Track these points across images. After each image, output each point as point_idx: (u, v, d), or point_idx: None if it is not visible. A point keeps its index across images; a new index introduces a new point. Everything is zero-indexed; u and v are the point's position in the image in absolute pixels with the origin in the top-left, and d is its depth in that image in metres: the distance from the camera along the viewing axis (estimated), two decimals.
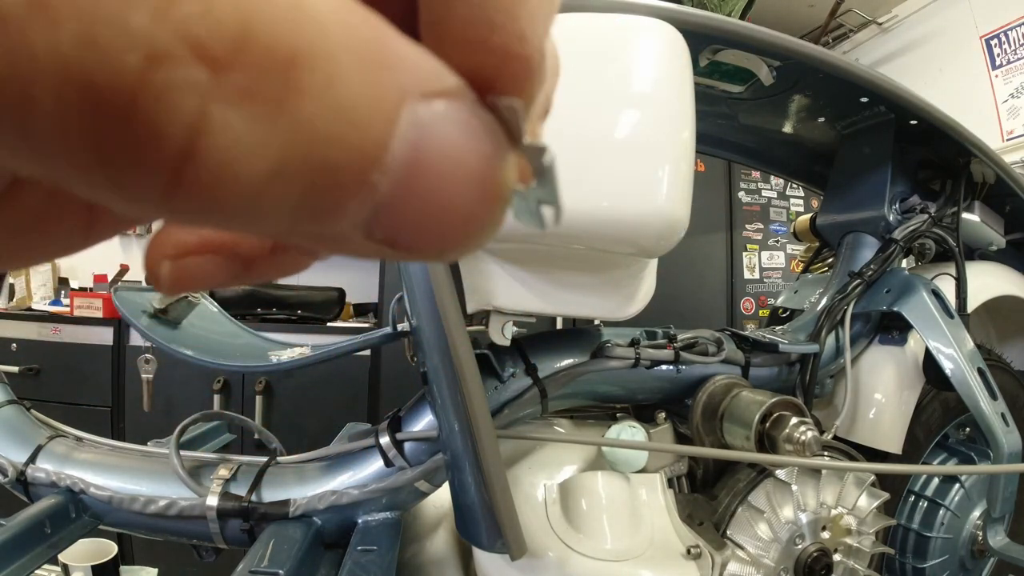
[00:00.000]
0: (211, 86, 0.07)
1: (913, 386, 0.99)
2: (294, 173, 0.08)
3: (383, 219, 0.09)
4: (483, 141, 0.10)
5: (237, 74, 0.07)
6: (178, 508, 0.73)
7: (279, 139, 0.08)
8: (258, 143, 0.08)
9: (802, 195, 2.88)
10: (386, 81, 0.09)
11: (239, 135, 0.08)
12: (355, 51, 0.09)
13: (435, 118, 0.09)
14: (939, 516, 1.03)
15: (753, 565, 0.76)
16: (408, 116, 0.09)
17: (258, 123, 0.08)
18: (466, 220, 0.10)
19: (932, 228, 1.02)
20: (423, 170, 0.09)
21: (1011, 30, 2.66)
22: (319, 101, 0.08)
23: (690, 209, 0.56)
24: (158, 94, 0.07)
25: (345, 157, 0.09)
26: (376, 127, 0.09)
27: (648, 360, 0.82)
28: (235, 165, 0.08)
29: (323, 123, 0.08)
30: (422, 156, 0.09)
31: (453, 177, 0.09)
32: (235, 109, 0.08)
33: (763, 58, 0.87)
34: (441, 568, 0.83)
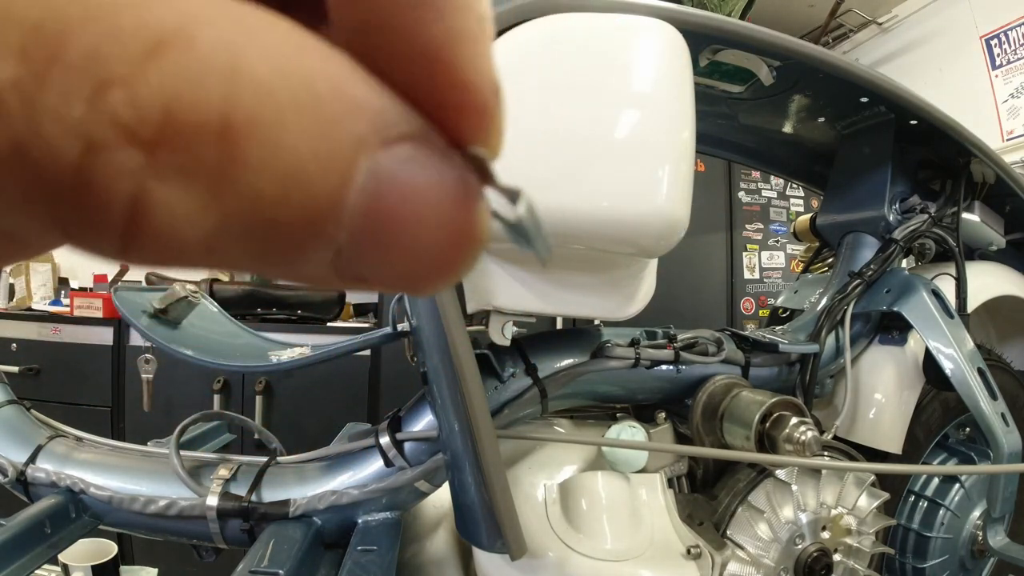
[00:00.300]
0: (145, 165, 0.08)
1: (913, 386, 0.99)
2: (241, 234, 0.08)
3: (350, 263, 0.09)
4: (451, 184, 0.10)
5: (167, 152, 0.08)
6: (178, 508, 0.73)
7: (221, 207, 0.08)
8: (198, 211, 0.08)
9: (802, 195, 2.88)
10: (339, 135, 0.09)
11: (177, 207, 0.08)
12: (302, 109, 0.08)
13: (397, 164, 0.09)
14: (939, 516, 1.03)
15: (753, 565, 0.76)
16: (366, 166, 0.09)
17: (196, 195, 0.08)
18: (436, 262, 0.10)
19: (932, 228, 1.02)
20: (385, 218, 0.09)
21: (1011, 30, 2.66)
22: (262, 167, 0.08)
23: (690, 209, 0.56)
24: (98, 175, 0.07)
25: (296, 216, 0.08)
26: (327, 184, 0.09)
27: (648, 360, 0.82)
28: (178, 232, 0.08)
29: (269, 186, 0.08)
30: (383, 205, 0.09)
31: (418, 222, 0.09)
32: (170, 185, 0.08)
33: (763, 58, 0.87)
34: (441, 568, 0.83)
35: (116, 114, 0.07)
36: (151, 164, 0.08)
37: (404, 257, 0.09)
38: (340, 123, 0.09)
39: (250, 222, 0.08)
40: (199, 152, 0.08)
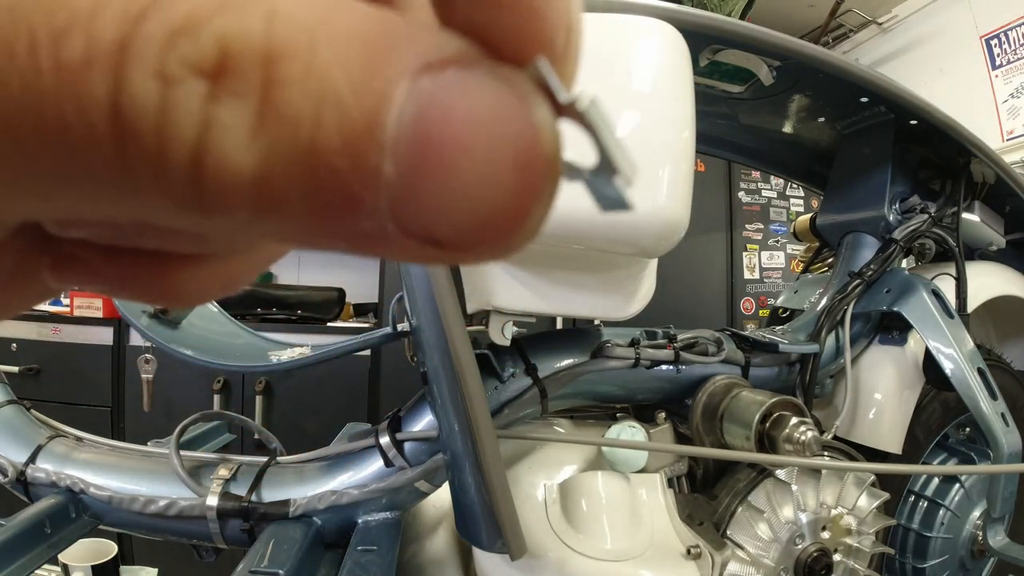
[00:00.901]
0: (209, 91, 0.09)
1: (913, 386, 0.99)
2: (290, 159, 0.09)
3: (408, 209, 0.09)
4: (508, 102, 0.09)
5: (226, 80, 0.09)
6: (178, 508, 0.73)
7: (268, 130, 0.09)
8: (249, 135, 0.09)
9: (802, 195, 2.88)
10: (374, 59, 0.09)
11: (235, 125, 0.09)
12: (336, 38, 0.09)
13: (442, 86, 0.09)
14: (939, 516, 1.03)
15: (753, 565, 0.77)
16: (407, 90, 0.09)
17: (246, 118, 0.09)
18: (507, 198, 0.09)
19: (932, 228, 1.03)
20: (432, 142, 0.09)
21: (1011, 30, 2.66)
22: (300, 88, 0.09)
23: (690, 209, 0.56)
24: (175, 105, 0.09)
25: (334, 141, 0.09)
26: (363, 107, 0.09)
27: (648, 360, 0.82)
28: (235, 154, 0.09)
29: (307, 108, 0.09)
30: (428, 128, 0.09)
31: (476, 147, 0.09)
32: (228, 106, 0.09)
33: (763, 58, 0.87)
34: (441, 568, 0.83)
35: (185, 55, 0.09)
36: (212, 90, 0.09)
37: (466, 190, 0.09)
38: (375, 51, 0.09)
39: (294, 147, 0.09)
40: (247, 77, 0.09)
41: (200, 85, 0.09)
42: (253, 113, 0.09)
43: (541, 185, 0.09)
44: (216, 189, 0.09)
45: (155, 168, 0.09)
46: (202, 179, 0.09)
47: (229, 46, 0.09)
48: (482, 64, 0.09)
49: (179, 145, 0.09)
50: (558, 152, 0.09)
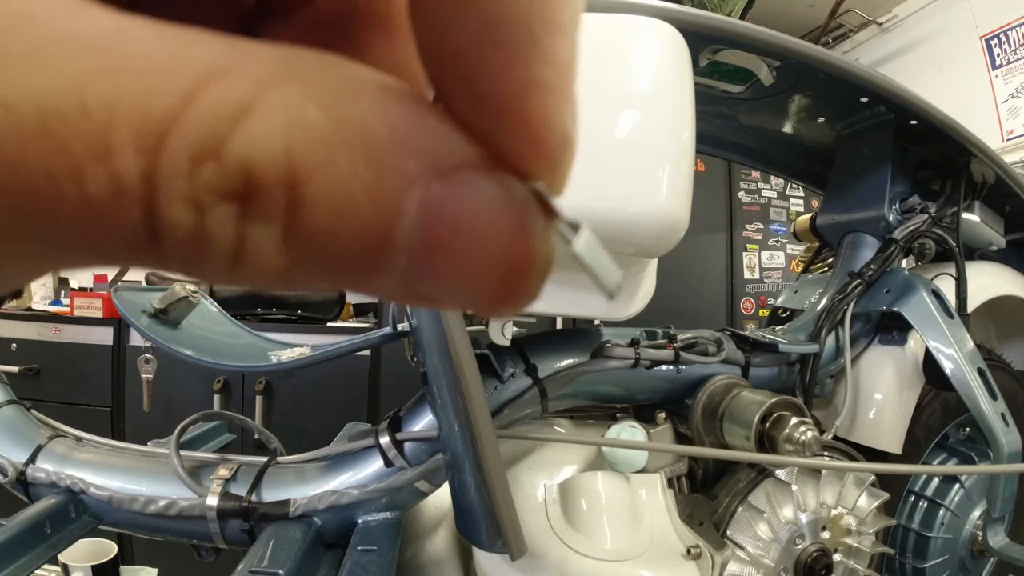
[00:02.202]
0: (240, 213, 0.09)
1: (913, 386, 0.99)
2: (314, 262, 0.10)
3: (416, 285, 0.10)
4: (505, 211, 0.10)
5: (253, 202, 0.09)
6: (178, 508, 0.73)
7: (295, 241, 0.10)
8: (279, 245, 0.10)
9: (802, 195, 2.88)
10: (388, 171, 0.10)
11: (265, 241, 0.10)
12: (353, 149, 0.09)
13: (449, 194, 0.10)
14: (939, 516, 1.03)
15: (753, 565, 0.76)
16: (418, 197, 0.10)
17: (276, 232, 0.10)
18: (497, 289, 0.10)
19: (932, 228, 1.02)
20: (438, 246, 0.10)
21: (1011, 30, 2.66)
22: (323, 206, 0.09)
23: (690, 209, 0.56)
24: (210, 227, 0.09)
25: (354, 247, 0.10)
26: (379, 217, 0.10)
27: (648, 360, 0.82)
28: (267, 262, 0.10)
29: (328, 222, 0.09)
30: (435, 234, 0.10)
31: (470, 249, 0.10)
32: (258, 225, 0.09)
33: (763, 58, 0.87)
34: (441, 568, 0.83)
35: (211, 183, 0.09)
36: (243, 213, 0.09)
37: (464, 283, 0.10)
38: (390, 159, 0.10)
39: (318, 253, 0.10)
40: (274, 198, 0.09)
41: (231, 208, 0.09)
42: (282, 228, 0.09)
43: (531, 281, 0.10)
44: (250, 278, 0.10)
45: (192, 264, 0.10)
46: (238, 273, 0.10)
47: (253, 171, 0.09)
48: (486, 171, 0.10)
49: (217, 256, 0.10)
50: (550, 259, 0.10)
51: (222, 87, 0.09)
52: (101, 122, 0.09)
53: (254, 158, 0.09)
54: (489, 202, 0.10)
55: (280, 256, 0.10)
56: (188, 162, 0.09)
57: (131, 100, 0.09)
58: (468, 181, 0.10)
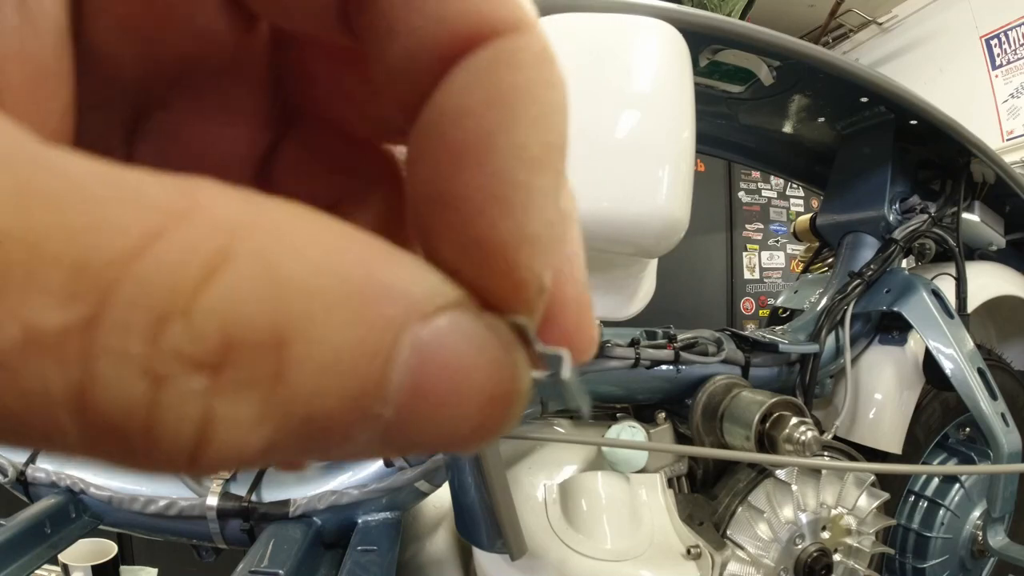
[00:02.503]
0: (210, 387, 0.08)
1: (913, 386, 0.99)
2: (296, 429, 0.09)
3: (394, 436, 0.09)
4: (490, 348, 0.10)
5: (230, 371, 0.08)
6: (178, 508, 0.73)
7: (278, 409, 0.08)
8: (257, 419, 0.08)
9: (802, 195, 2.88)
10: (375, 320, 0.09)
11: (241, 418, 0.08)
12: (337, 303, 0.09)
13: (436, 335, 0.09)
14: (939, 516, 1.03)
15: (753, 565, 0.77)
16: (406, 343, 0.09)
17: (255, 404, 0.08)
18: (481, 425, 0.10)
19: (932, 228, 1.03)
20: (427, 389, 0.09)
21: (1011, 30, 2.66)
22: (307, 365, 0.08)
23: (690, 209, 0.56)
24: (168, 407, 0.08)
25: (341, 404, 0.09)
26: (367, 369, 0.09)
27: (648, 360, 0.82)
28: (241, 442, 0.08)
29: (315, 381, 0.09)
30: (424, 378, 0.09)
31: (460, 390, 0.10)
32: (233, 399, 0.08)
33: (763, 58, 0.87)
34: (441, 568, 0.83)
35: (179, 347, 0.08)
36: (214, 385, 0.08)
37: (449, 424, 0.10)
38: (376, 308, 0.09)
39: (304, 418, 0.09)
40: (257, 365, 0.08)
41: (198, 380, 0.08)
42: (262, 401, 0.08)
43: (510, 412, 0.10)
44: (209, 467, 0.09)
45: (141, 457, 0.08)
46: (200, 461, 0.08)
47: (233, 335, 0.08)
48: (469, 311, 0.10)
49: (171, 444, 0.08)
50: (529, 386, 0.10)
51: (191, 230, 0.08)
52: (16, 256, 0.07)
53: (236, 320, 0.08)
54: (475, 340, 0.10)
55: (256, 433, 0.08)
56: (147, 320, 0.08)
57: (66, 235, 0.07)
58: (454, 322, 0.10)
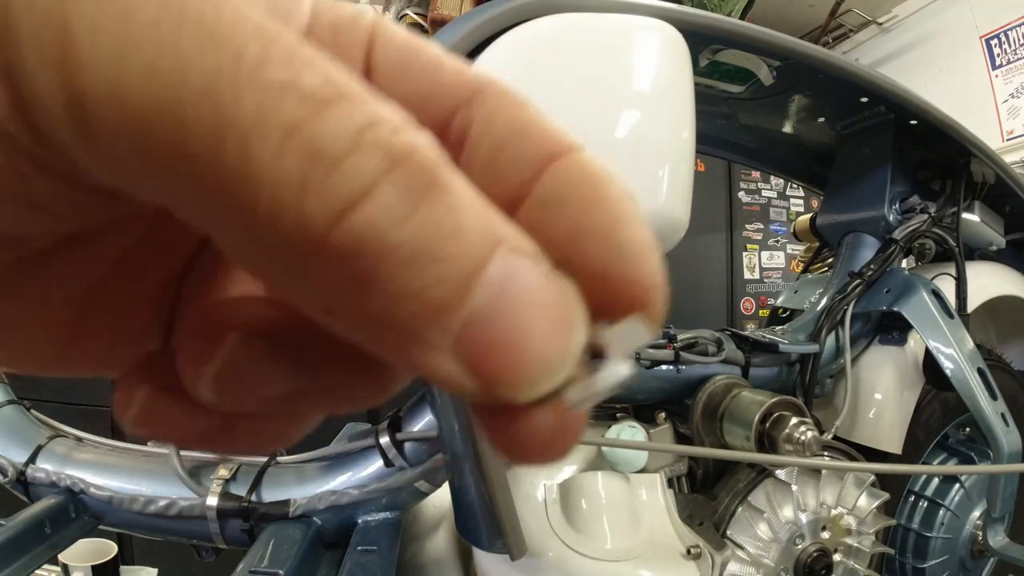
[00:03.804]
0: (386, 169, 0.10)
1: (913, 386, 0.99)
2: (422, 251, 0.10)
3: (471, 332, 0.10)
4: (561, 295, 0.11)
5: (401, 170, 0.10)
6: (178, 508, 0.73)
7: (415, 222, 0.10)
8: (401, 215, 0.10)
9: (802, 195, 2.88)
10: (489, 222, 0.11)
11: (391, 202, 0.10)
12: (472, 199, 0.11)
13: (522, 267, 0.11)
14: (939, 516, 1.03)
15: (753, 565, 0.77)
16: (502, 254, 0.11)
17: (405, 203, 0.10)
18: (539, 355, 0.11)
19: (932, 228, 1.02)
20: (510, 298, 0.11)
21: (1011, 30, 2.66)
22: (445, 212, 0.10)
23: (690, 209, 0.56)
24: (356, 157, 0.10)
25: (456, 258, 0.10)
26: (480, 248, 0.10)
27: (648, 360, 0.82)
28: (381, 223, 0.10)
29: (445, 227, 0.10)
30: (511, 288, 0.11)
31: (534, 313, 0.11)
32: (394, 187, 0.10)
33: (763, 58, 0.87)
34: (441, 568, 0.83)
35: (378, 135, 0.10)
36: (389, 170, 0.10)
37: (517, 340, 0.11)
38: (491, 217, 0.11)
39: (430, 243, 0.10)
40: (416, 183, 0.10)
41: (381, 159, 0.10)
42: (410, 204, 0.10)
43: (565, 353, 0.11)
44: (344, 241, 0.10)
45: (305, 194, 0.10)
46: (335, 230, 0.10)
47: (415, 152, 0.10)
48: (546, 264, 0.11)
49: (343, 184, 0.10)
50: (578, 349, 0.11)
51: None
52: None
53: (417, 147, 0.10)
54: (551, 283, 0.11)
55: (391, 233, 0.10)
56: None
57: None
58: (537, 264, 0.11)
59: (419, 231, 0.10)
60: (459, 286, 0.10)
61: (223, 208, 0.10)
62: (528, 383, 0.11)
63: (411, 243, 0.10)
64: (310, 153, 0.09)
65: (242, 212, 0.10)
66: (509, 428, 0.12)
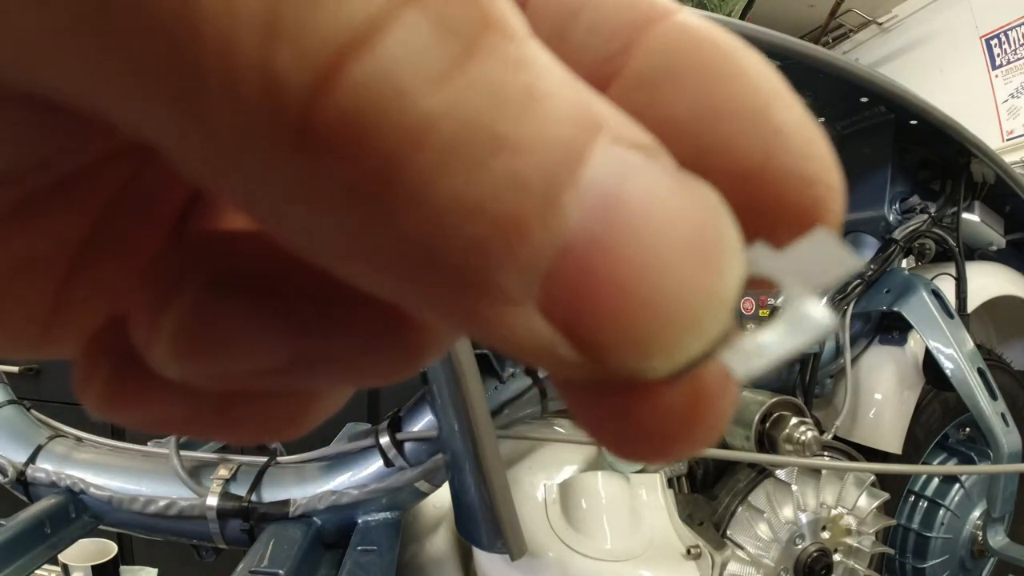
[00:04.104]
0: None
1: (913, 386, 0.99)
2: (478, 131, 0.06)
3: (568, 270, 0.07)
4: (703, 206, 0.07)
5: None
6: (178, 508, 0.73)
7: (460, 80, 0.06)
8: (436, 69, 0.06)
9: None
10: (580, 93, 0.07)
11: (419, 46, 0.06)
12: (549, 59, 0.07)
13: (639, 164, 0.07)
14: (939, 516, 1.03)
15: (753, 565, 0.77)
16: (605, 143, 0.07)
17: (442, 48, 0.06)
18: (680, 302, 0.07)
19: (932, 228, 1.03)
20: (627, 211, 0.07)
21: (1011, 30, 2.66)
22: (509, 69, 0.06)
23: None
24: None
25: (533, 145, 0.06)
26: (571, 130, 0.07)
27: None
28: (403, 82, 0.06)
29: (512, 93, 0.06)
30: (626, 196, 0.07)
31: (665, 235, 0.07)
32: (422, 21, 0.06)
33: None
34: (441, 568, 0.83)
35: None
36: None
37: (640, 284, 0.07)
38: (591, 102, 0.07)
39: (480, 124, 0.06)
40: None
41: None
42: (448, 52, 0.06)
43: (717, 296, 0.07)
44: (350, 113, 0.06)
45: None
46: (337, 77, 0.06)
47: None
48: (669, 162, 0.08)
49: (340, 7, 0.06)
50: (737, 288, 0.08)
51: None
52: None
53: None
54: (681, 188, 0.07)
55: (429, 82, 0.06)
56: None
57: None
58: (655, 161, 0.07)
59: (470, 96, 0.06)
60: (543, 192, 0.06)
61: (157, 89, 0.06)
62: (663, 347, 0.07)
63: (458, 117, 0.06)
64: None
65: (183, 88, 0.06)
66: (628, 416, 0.08)
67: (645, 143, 0.07)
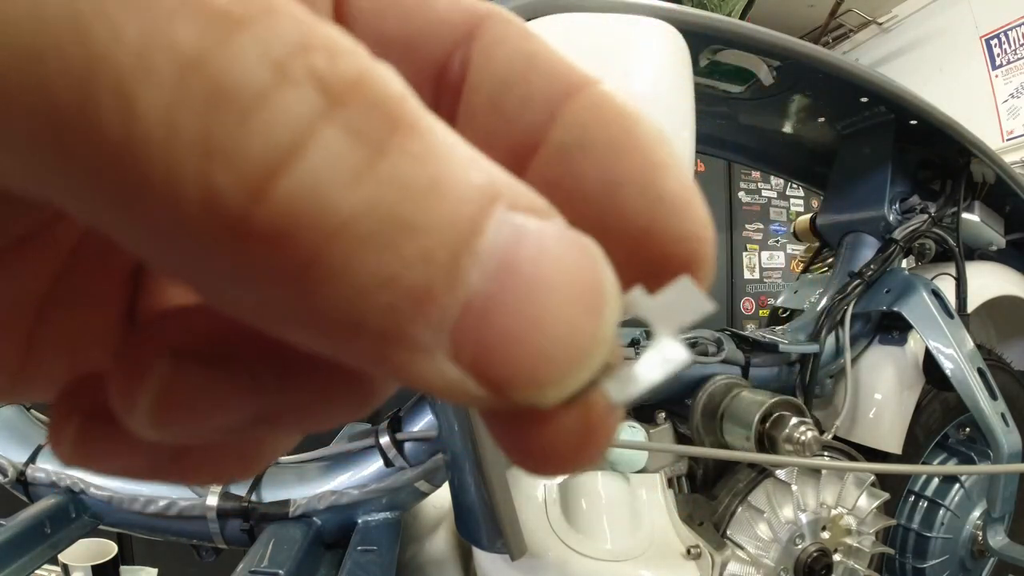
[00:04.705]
0: (324, 109, 0.07)
1: (913, 386, 0.99)
2: (388, 220, 0.07)
3: (470, 323, 0.08)
4: (585, 259, 0.09)
5: (347, 110, 0.07)
6: (178, 508, 0.73)
7: (371, 180, 0.07)
8: (351, 173, 0.07)
9: (802, 195, 2.88)
10: (479, 171, 0.08)
11: (335, 157, 0.07)
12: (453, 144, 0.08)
13: (531, 227, 0.08)
14: (939, 516, 1.03)
15: (753, 565, 0.77)
16: (500, 212, 0.08)
17: (355, 155, 0.07)
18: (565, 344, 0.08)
19: (932, 228, 1.02)
20: (518, 270, 0.08)
21: (1011, 30, 2.66)
22: (414, 164, 0.08)
23: None
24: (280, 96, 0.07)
25: (436, 225, 0.08)
26: (469, 208, 0.08)
27: None
28: (324, 188, 0.07)
29: (416, 184, 0.08)
30: (518, 255, 0.08)
31: (552, 288, 0.08)
32: (338, 135, 0.07)
33: (763, 58, 0.87)
34: (441, 568, 0.83)
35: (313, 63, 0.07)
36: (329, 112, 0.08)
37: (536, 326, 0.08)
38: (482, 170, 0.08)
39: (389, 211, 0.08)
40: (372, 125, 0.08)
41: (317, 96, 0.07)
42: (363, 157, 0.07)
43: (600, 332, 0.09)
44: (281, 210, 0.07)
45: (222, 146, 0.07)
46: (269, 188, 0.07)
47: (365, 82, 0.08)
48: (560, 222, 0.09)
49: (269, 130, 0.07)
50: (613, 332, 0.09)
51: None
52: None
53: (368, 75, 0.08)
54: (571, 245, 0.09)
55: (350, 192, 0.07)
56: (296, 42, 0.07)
57: None
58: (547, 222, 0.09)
59: (380, 192, 0.07)
60: (446, 262, 0.08)
61: (105, 194, 0.07)
62: (553, 381, 0.08)
63: (371, 211, 0.07)
64: (214, 97, 0.07)
65: (131, 196, 0.07)
66: (530, 437, 0.09)
67: (538, 206, 0.09)
